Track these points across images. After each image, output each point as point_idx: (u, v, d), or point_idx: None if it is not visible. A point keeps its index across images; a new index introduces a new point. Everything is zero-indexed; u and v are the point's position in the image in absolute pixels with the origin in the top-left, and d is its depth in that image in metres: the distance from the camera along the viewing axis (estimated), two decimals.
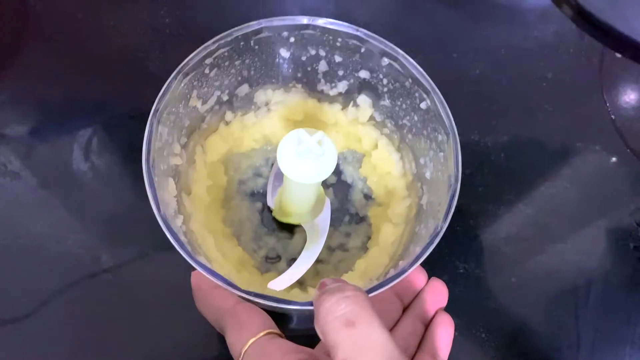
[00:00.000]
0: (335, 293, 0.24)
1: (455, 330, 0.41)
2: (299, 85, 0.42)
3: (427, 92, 0.35)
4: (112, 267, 0.41)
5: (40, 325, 0.39)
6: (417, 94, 0.36)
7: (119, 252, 0.42)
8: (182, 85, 0.34)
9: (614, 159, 0.48)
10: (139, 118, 0.46)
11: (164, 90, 0.32)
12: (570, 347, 0.42)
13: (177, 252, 0.29)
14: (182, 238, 0.32)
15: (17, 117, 0.46)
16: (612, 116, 0.48)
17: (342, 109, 0.43)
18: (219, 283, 0.28)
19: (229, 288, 0.28)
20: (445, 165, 0.34)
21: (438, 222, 0.32)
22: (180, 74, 0.33)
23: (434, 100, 0.34)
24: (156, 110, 0.31)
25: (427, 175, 0.37)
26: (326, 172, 0.33)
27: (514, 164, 0.47)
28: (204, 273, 0.28)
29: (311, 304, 0.28)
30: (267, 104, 0.43)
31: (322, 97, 0.43)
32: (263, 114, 0.43)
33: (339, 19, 0.36)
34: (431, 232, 0.32)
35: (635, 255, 0.45)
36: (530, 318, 0.43)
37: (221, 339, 0.37)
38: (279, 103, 0.43)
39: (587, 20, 0.32)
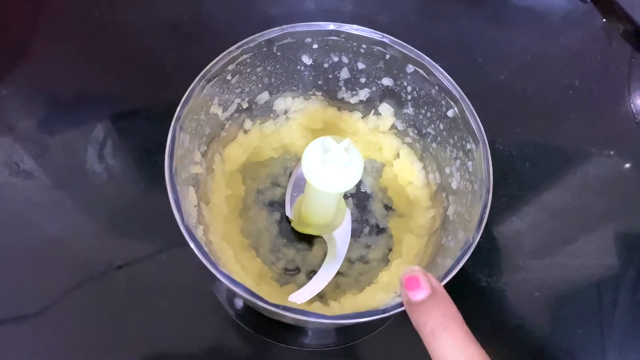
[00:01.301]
0: (431, 310, 0.24)
1: None
2: (319, 93, 0.41)
3: (455, 101, 0.34)
4: (124, 266, 0.40)
5: (52, 323, 0.38)
6: (443, 102, 0.35)
7: (131, 252, 0.41)
8: (204, 91, 0.33)
9: (627, 165, 0.47)
10: (154, 118, 0.45)
11: (187, 96, 0.31)
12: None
13: (189, 253, 0.28)
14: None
15: (30, 115, 0.45)
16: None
17: (363, 118, 0.42)
18: (246, 296, 0.27)
19: (256, 301, 0.27)
20: (474, 174, 0.33)
21: (469, 234, 0.30)
22: (203, 80, 0.32)
23: (463, 109, 0.33)
24: (179, 117, 0.30)
25: (454, 185, 0.36)
26: (353, 180, 0.31)
27: (539, 175, 0.46)
28: (230, 285, 0.27)
29: (333, 317, 0.27)
30: (286, 112, 0.42)
31: (342, 105, 0.42)
32: (282, 122, 0.42)
33: (358, 21, 0.35)
34: (462, 245, 0.30)
35: None
36: (554, 334, 0.42)
37: (234, 336, 0.36)
38: (298, 111, 0.42)
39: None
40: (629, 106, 0.48)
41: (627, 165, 0.47)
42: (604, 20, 0.43)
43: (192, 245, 0.28)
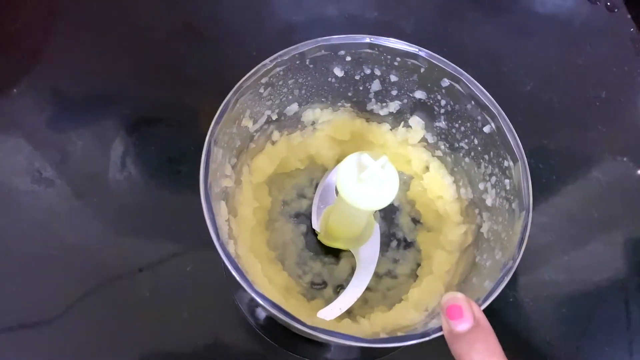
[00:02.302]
0: (474, 342, 0.24)
1: None
2: (348, 105, 0.40)
3: (493, 117, 0.33)
4: (145, 274, 0.40)
5: (71, 330, 0.38)
6: (479, 117, 0.34)
7: (153, 261, 0.40)
8: (238, 105, 0.32)
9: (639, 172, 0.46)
10: (176, 126, 0.45)
11: (221, 111, 0.31)
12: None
13: (210, 262, 0.27)
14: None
15: (49, 122, 0.44)
16: None
17: (391, 130, 0.41)
18: (280, 315, 0.27)
19: (291, 321, 0.27)
20: (511, 192, 0.33)
21: (508, 256, 0.30)
22: (238, 93, 0.31)
23: (501, 125, 0.33)
24: (213, 133, 0.30)
25: (488, 202, 0.35)
26: (389, 198, 0.31)
27: (566, 189, 0.45)
28: (264, 304, 0.27)
29: (372, 341, 0.27)
30: (313, 123, 0.41)
31: (370, 116, 0.41)
32: (309, 133, 0.42)
33: (382, 28, 0.34)
34: (500, 266, 0.30)
35: None
36: (582, 351, 0.41)
37: (256, 347, 0.36)
38: (325, 122, 0.41)
39: None
40: None
41: None
42: (632, 29, 0.42)
43: (228, 264, 0.27)
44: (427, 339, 0.27)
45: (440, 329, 0.27)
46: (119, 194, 0.43)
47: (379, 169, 0.30)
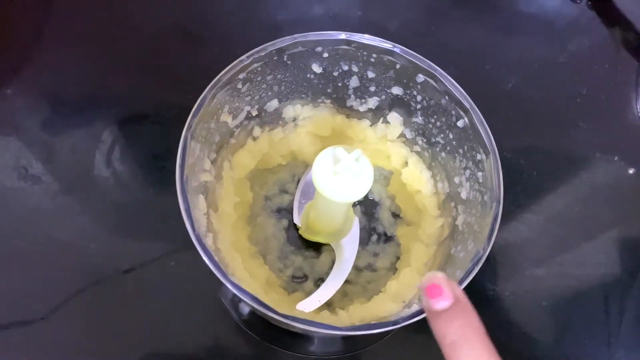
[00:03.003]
0: (453, 319, 0.23)
1: None
2: (328, 101, 0.41)
3: (466, 111, 0.34)
4: (131, 271, 0.40)
5: (59, 327, 0.38)
6: (453, 112, 0.35)
7: (138, 257, 0.41)
8: (215, 100, 0.33)
9: (631, 171, 0.47)
10: (162, 123, 0.45)
11: (198, 105, 0.32)
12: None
13: (195, 258, 0.28)
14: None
15: (38, 119, 0.45)
16: None
17: (371, 125, 0.42)
18: (255, 305, 0.27)
19: (267, 311, 0.27)
20: (484, 185, 0.33)
21: (479, 246, 0.30)
22: (215, 88, 0.32)
23: (473, 119, 0.33)
24: (190, 126, 0.30)
25: (463, 195, 0.36)
26: (363, 190, 0.31)
27: (547, 184, 0.46)
28: (240, 295, 0.27)
29: (344, 329, 0.27)
30: (294, 119, 0.42)
31: (351, 113, 0.42)
32: (290, 129, 0.42)
33: (367, 27, 0.34)
34: (472, 256, 0.30)
35: None
36: (562, 345, 0.42)
37: (240, 342, 0.36)
38: (307, 119, 0.42)
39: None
40: (635, 114, 0.48)
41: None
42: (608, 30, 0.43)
43: (202, 255, 0.28)
44: (398, 326, 0.28)
45: (410, 317, 0.28)
46: (105, 190, 0.43)
47: (353, 161, 0.30)
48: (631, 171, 0.47)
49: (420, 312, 0.28)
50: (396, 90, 0.38)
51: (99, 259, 0.41)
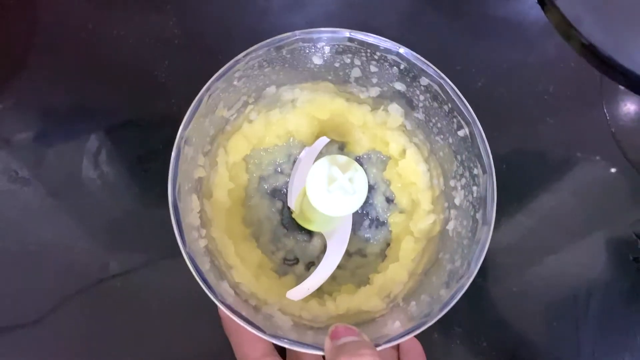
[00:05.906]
0: (352, 356, 0.26)
1: (457, 339, 0.43)
2: (329, 82, 0.39)
3: (468, 123, 0.33)
4: (119, 274, 0.41)
5: (49, 331, 0.40)
6: (455, 120, 0.34)
7: (126, 259, 0.42)
8: (210, 100, 0.32)
9: (613, 170, 0.47)
10: (146, 126, 0.46)
11: (193, 109, 0.31)
12: (570, 358, 0.44)
13: (184, 261, 0.29)
14: (204, 259, 0.32)
15: (26, 126, 0.45)
16: (612, 129, 0.48)
17: (372, 111, 0.41)
18: (244, 325, 0.29)
19: (255, 330, 0.29)
20: (477, 201, 0.33)
21: (465, 266, 0.31)
22: (210, 90, 0.31)
23: (474, 133, 0.33)
24: (182, 137, 0.30)
25: (457, 200, 0.36)
26: (356, 206, 0.32)
27: (515, 176, 0.46)
28: (230, 314, 0.29)
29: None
30: (293, 101, 0.40)
31: (351, 97, 0.41)
32: (288, 109, 0.41)
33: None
34: (458, 276, 0.31)
35: (634, 266, 0.45)
36: (531, 328, 0.44)
37: (229, 346, 0.39)
38: (305, 101, 0.41)
39: (592, 54, 0.31)
40: (602, 112, 0.49)
41: (597, 158, 0.47)
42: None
43: (193, 271, 0.29)
44: (378, 348, 0.30)
45: (390, 340, 0.29)
46: (92, 193, 0.44)
47: (347, 182, 0.30)
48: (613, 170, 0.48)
49: (404, 334, 0.30)
50: (399, 86, 0.37)
51: (87, 260, 0.42)
